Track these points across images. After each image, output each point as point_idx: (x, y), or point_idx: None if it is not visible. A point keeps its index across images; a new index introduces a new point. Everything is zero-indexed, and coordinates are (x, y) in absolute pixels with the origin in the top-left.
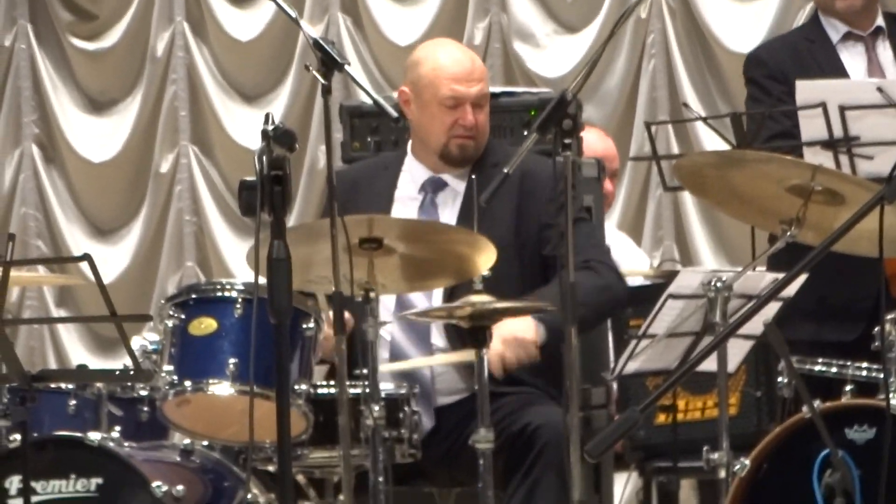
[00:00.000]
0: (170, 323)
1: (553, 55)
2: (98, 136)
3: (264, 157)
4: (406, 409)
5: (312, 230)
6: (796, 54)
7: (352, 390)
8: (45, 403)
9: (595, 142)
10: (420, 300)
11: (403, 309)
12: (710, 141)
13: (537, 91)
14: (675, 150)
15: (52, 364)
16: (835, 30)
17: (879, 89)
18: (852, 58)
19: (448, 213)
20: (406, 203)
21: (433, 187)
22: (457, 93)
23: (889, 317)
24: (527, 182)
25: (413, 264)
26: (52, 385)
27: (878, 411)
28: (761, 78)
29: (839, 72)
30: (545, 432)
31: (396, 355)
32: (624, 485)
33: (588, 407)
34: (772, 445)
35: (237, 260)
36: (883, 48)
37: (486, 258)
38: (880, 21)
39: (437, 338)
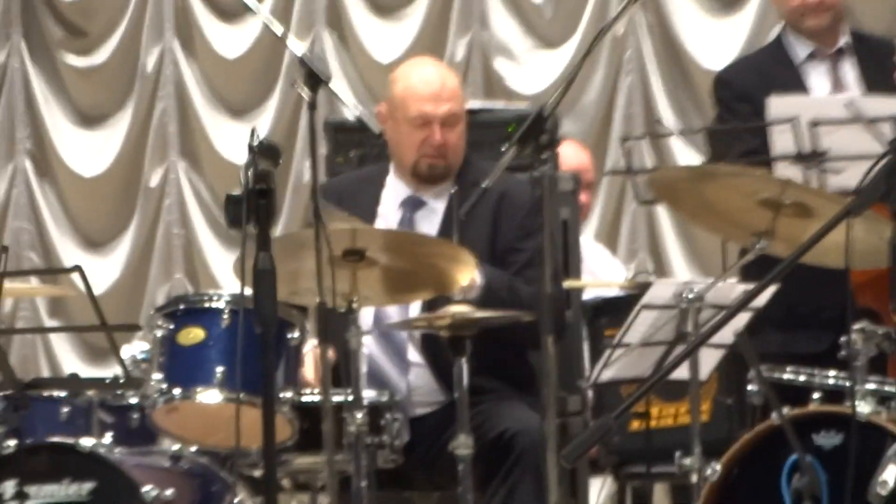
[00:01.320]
0: (159, 333)
1: (532, 71)
2: (89, 151)
3: (250, 171)
4: (388, 416)
5: (297, 240)
6: (762, 74)
7: (335, 398)
8: (38, 411)
9: (571, 154)
10: (396, 314)
11: (380, 321)
12: (684, 156)
13: (516, 107)
14: (650, 164)
15: (45, 372)
16: (801, 48)
17: (849, 105)
18: (817, 76)
19: (426, 230)
20: (387, 219)
21: (412, 205)
22: (425, 112)
23: (856, 327)
24: (504, 203)
25: (394, 277)
26: (45, 393)
27: (844, 418)
28: (729, 99)
29: (803, 90)
30: (522, 439)
31: (373, 371)
32: (599, 489)
33: (564, 414)
34: (742, 451)
35: (224, 271)
36: (848, 67)
37: (465, 269)
38: (847, 39)
39: (413, 354)
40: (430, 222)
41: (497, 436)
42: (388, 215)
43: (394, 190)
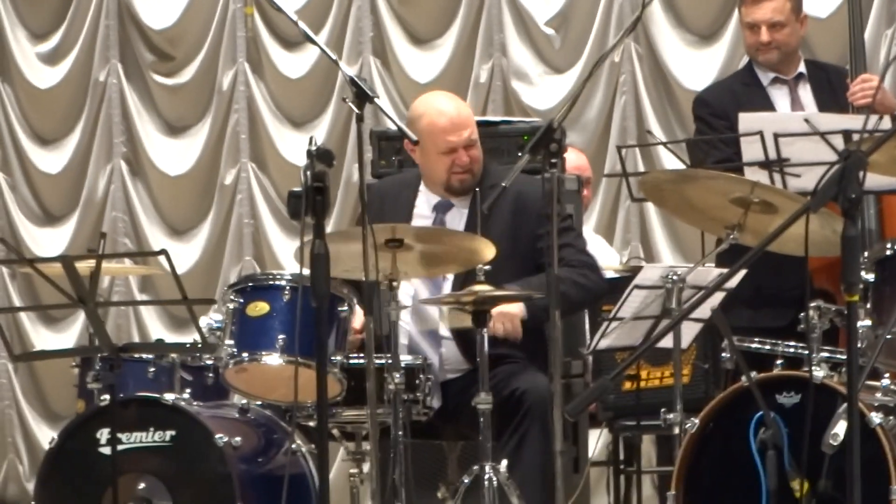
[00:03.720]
0: (231, 306)
1: (543, 91)
2: (174, 155)
3: (308, 172)
4: (421, 376)
5: (348, 235)
6: (734, 95)
7: (377, 361)
8: (130, 370)
9: (572, 158)
10: (429, 293)
11: (416, 299)
12: (669, 161)
13: (530, 120)
14: (641, 168)
15: (135, 338)
16: (764, 75)
17: (806, 121)
18: (779, 97)
19: (454, 228)
20: (421, 220)
21: (443, 209)
22: (450, 143)
23: (812, 304)
24: (520, 201)
25: (428, 257)
26: (136, 355)
27: (803, 381)
28: (707, 116)
29: (769, 109)
30: (530, 395)
31: (412, 346)
32: (596, 439)
33: (568, 376)
34: (716, 408)
35: (286, 255)
36: (804, 90)
37: (487, 251)
38: (802, 68)
39: (444, 330)
40: (457, 221)
41: (509, 393)
42: (422, 217)
43: (426, 196)
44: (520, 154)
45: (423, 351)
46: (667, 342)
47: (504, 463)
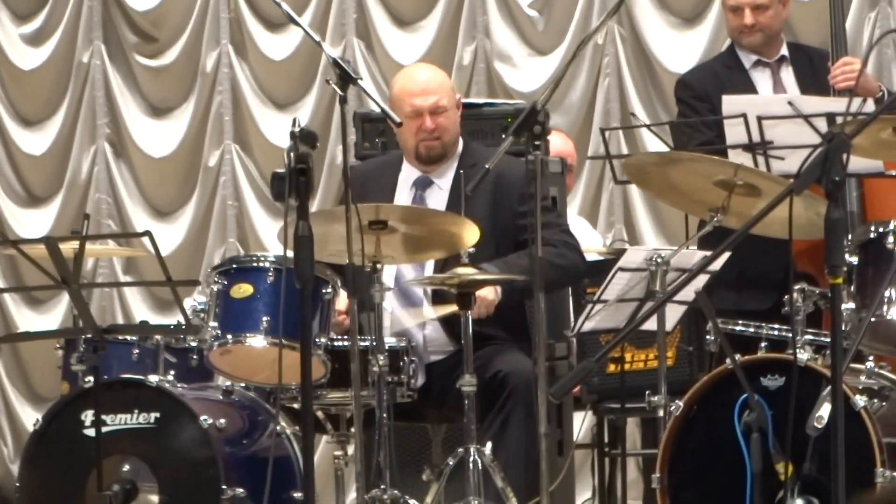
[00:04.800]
0: (215, 287)
1: (527, 73)
2: (158, 136)
3: (292, 153)
4: (405, 359)
5: (331, 215)
6: (716, 78)
7: (362, 343)
8: (114, 352)
9: (557, 142)
10: (413, 275)
11: (400, 281)
12: (653, 143)
13: (513, 102)
14: (625, 150)
15: (119, 320)
16: (747, 58)
17: (790, 103)
18: (761, 80)
19: (434, 206)
20: (402, 198)
21: (422, 185)
22: (415, 106)
23: (796, 287)
24: (501, 181)
25: (412, 241)
26: (120, 337)
27: (787, 363)
28: (689, 98)
29: (751, 91)
30: (513, 377)
31: (396, 326)
32: (581, 421)
33: (552, 358)
34: (701, 391)
35: (270, 237)
36: (786, 73)
37: (470, 235)
38: (784, 50)
39: (428, 309)
40: (437, 199)
41: (493, 375)
42: (403, 194)
43: (406, 173)
44: (503, 136)
45: (406, 332)
46: (651, 325)
47: (488, 445)
